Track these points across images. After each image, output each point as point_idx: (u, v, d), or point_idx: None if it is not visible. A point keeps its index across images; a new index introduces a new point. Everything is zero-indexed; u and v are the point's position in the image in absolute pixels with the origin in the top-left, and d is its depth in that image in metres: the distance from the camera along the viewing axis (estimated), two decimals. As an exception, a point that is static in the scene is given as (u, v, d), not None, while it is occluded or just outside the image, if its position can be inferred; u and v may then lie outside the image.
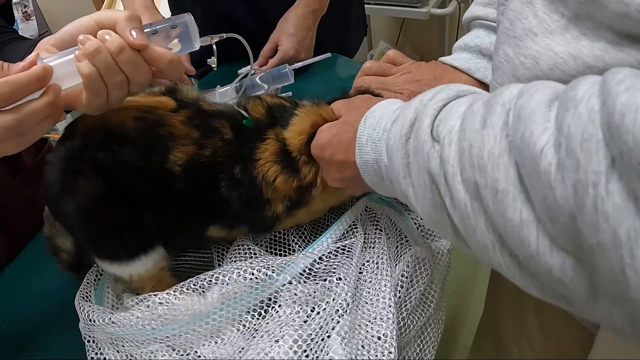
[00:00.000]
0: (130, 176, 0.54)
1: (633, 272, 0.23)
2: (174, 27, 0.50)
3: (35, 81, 0.45)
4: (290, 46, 1.05)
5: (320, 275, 0.56)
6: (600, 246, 0.24)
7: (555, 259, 0.27)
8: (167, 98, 0.58)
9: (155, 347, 0.53)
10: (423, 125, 0.36)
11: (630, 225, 0.22)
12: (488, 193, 0.29)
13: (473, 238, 0.32)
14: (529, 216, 0.27)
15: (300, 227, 0.66)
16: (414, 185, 0.37)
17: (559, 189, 0.25)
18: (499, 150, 0.29)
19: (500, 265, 0.31)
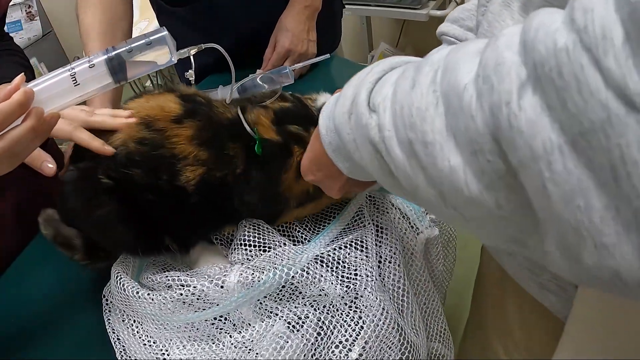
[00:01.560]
0: (142, 192, 0.56)
1: (553, 185, 0.23)
2: (149, 44, 0.51)
3: (18, 108, 0.46)
4: (286, 40, 1.07)
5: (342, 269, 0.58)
6: (522, 165, 0.24)
7: (488, 198, 0.27)
8: (171, 99, 0.59)
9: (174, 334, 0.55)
10: (360, 98, 0.37)
11: (545, 138, 0.23)
12: (420, 147, 0.30)
13: (420, 197, 0.33)
14: (456, 161, 0.28)
15: (303, 219, 0.68)
16: (363, 158, 0.38)
17: (479, 117, 0.25)
18: (425, 104, 0.29)
19: (451, 217, 0.31)
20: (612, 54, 0.20)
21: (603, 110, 0.21)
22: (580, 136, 0.22)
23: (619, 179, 0.21)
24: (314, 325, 0.52)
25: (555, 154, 0.23)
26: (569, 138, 0.22)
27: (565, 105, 0.22)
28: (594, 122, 0.21)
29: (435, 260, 0.74)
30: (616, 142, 0.21)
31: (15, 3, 2.32)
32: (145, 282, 0.60)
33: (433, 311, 0.70)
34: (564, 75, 0.22)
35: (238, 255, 0.58)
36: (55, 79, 0.49)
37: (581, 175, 0.22)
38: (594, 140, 0.21)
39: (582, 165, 0.22)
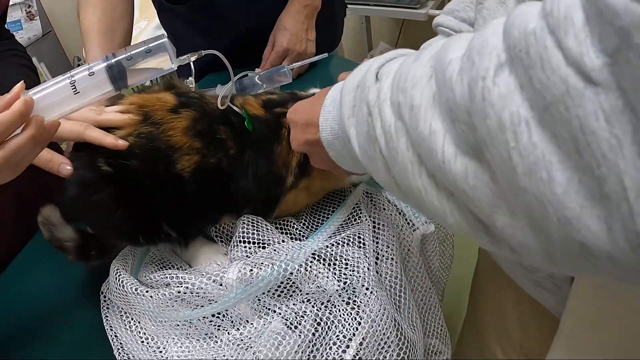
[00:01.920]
0: (141, 179, 0.58)
1: (518, 156, 0.25)
2: (149, 51, 0.51)
3: (18, 118, 0.46)
4: (284, 39, 1.07)
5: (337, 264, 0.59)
6: (489, 134, 0.26)
7: (458, 166, 0.29)
8: (167, 94, 0.61)
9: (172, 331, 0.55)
10: (371, 68, 0.40)
11: (514, 111, 0.24)
12: (406, 110, 0.32)
13: (396, 161, 0.34)
14: (438, 126, 0.30)
15: (299, 215, 0.69)
16: (355, 124, 0.40)
17: (458, 89, 0.28)
18: (421, 73, 0.32)
19: (419, 188, 0.33)
20: (572, 34, 0.22)
21: (563, 84, 0.22)
22: (545, 110, 0.23)
23: (580, 149, 0.22)
24: (311, 321, 0.53)
25: (522, 125, 0.24)
26: (535, 114, 0.24)
27: (531, 81, 0.24)
28: (555, 96, 0.23)
29: (431, 257, 0.75)
30: (575, 113, 0.22)
31: (15, 3, 2.32)
32: (143, 280, 0.60)
33: (430, 307, 0.70)
34: (530, 54, 0.24)
35: (237, 252, 0.59)
36: (54, 87, 0.50)
37: (545, 148, 0.24)
38: (556, 113, 0.23)
39: (546, 138, 0.24)
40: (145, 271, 0.61)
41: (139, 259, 0.65)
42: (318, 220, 0.67)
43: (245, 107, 0.62)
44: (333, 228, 0.62)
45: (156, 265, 0.64)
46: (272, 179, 0.61)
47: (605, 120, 0.21)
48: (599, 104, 0.22)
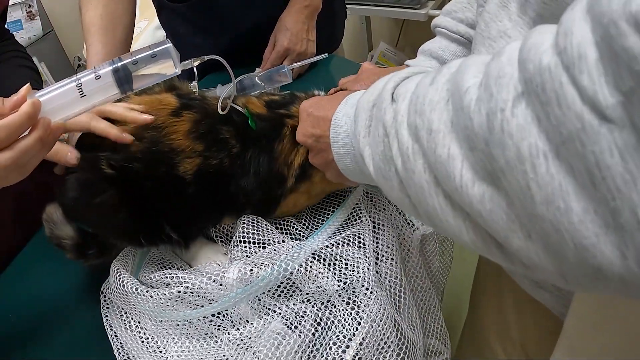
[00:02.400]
0: (143, 181, 0.58)
1: (536, 186, 0.25)
2: (154, 56, 0.52)
3: (27, 120, 0.46)
4: (285, 39, 1.07)
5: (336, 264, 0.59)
6: (508, 165, 0.27)
7: (476, 191, 0.29)
8: (169, 95, 0.61)
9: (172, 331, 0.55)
10: (387, 87, 0.40)
11: (532, 143, 0.25)
12: (424, 133, 0.33)
13: (412, 181, 0.35)
14: (456, 151, 0.30)
15: (299, 215, 0.69)
16: (370, 143, 0.41)
17: (476, 119, 0.28)
18: (438, 97, 0.32)
19: (435, 207, 0.34)
20: (586, 72, 0.23)
21: (578, 121, 0.23)
22: (562, 145, 0.24)
23: (596, 183, 0.23)
24: (311, 321, 0.53)
25: (540, 158, 0.25)
26: (553, 147, 0.25)
27: (548, 117, 0.24)
28: (571, 132, 0.23)
29: (431, 257, 0.75)
30: (591, 149, 0.23)
31: (16, 2, 2.32)
32: (144, 280, 0.60)
33: (430, 307, 0.70)
34: (546, 90, 0.24)
35: (237, 252, 0.59)
36: (61, 89, 0.50)
37: (562, 180, 0.25)
38: (572, 148, 0.24)
39: (563, 170, 0.24)
40: (146, 271, 0.61)
41: (140, 258, 0.65)
42: (318, 220, 0.67)
43: (248, 106, 0.62)
44: (333, 228, 0.62)
45: (156, 265, 0.64)
46: (274, 178, 0.61)
47: (619, 156, 0.22)
48: (614, 140, 0.22)
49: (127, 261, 0.62)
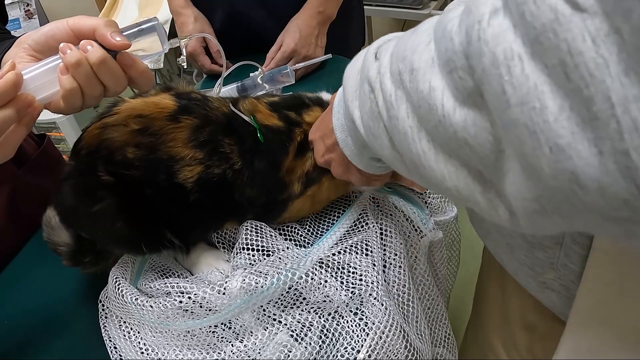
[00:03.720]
0: (142, 188, 0.56)
1: (511, 88, 0.26)
2: (142, 31, 0.51)
3: (11, 87, 0.45)
4: (291, 41, 1.06)
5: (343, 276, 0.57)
6: (484, 72, 0.27)
7: (458, 117, 0.30)
8: (165, 97, 0.58)
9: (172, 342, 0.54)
10: (370, 51, 0.41)
11: (507, 47, 0.26)
12: (406, 75, 0.34)
13: (396, 130, 0.36)
14: (437, 83, 0.31)
15: (303, 221, 0.67)
16: (359, 106, 0.42)
17: (456, 37, 0.30)
18: (419, 40, 0.34)
19: (419, 153, 0.35)
20: None
21: (552, 12, 0.24)
22: (536, 41, 0.25)
23: (568, 72, 0.24)
24: (318, 333, 0.51)
25: (515, 59, 0.26)
26: (528, 49, 0.26)
27: (523, 16, 0.25)
28: (544, 24, 0.24)
29: (439, 264, 0.73)
30: (563, 37, 0.24)
31: (14, 1, 2.30)
32: (143, 289, 0.58)
33: (437, 316, 0.69)
34: None
35: (240, 259, 0.57)
36: (45, 67, 0.48)
37: (537, 79, 0.25)
38: (546, 40, 0.24)
39: (538, 70, 0.25)
40: (145, 279, 0.59)
41: (139, 266, 0.63)
42: (323, 226, 0.65)
43: (256, 116, 0.60)
44: (339, 234, 0.60)
45: (156, 272, 0.62)
46: (278, 187, 0.59)
47: (592, 42, 0.23)
48: (586, 27, 0.23)
49: (125, 269, 0.60)
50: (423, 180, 0.38)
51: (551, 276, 0.48)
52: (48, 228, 0.65)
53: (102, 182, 0.55)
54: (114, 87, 0.50)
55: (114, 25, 0.50)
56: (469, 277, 1.09)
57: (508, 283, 0.61)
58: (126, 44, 0.49)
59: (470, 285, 0.79)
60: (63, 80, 0.48)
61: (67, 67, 0.47)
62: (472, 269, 0.98)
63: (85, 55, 0.47)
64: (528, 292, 0.56)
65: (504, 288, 0.64)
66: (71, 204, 0.57)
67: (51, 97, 0.49)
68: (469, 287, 0.79)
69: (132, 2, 2.17)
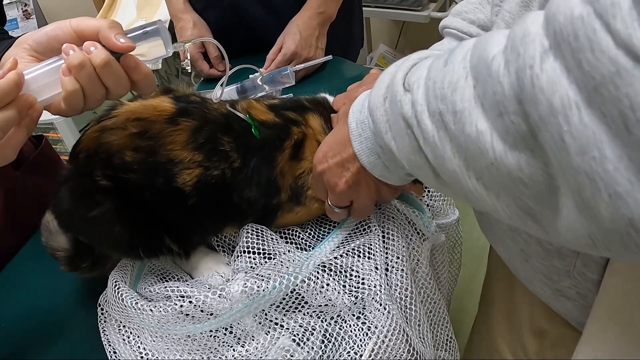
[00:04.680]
0: (140, 192, 0.55)
1: (571, 138, 0.26)
2: (146, 34, 0.50)
3: (14, 87, 0.44)
4: (292, 43, 1.05)
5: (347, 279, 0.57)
6: (542, 120, 0.27)
7: (511, 159, 0.30)
8: (164, 99, 0.57)
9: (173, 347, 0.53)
10: (396, 79, 0.40)
11: (563, 95, 0.26)
12: (449, 117, 0.33)
13: (445, 169, 0.36)
14: (483, 126, 0.31)
15: (305, 224, 0.66)
16: (395, 137, 0.41)
17: (506, 81, 0.29)
18: (457, 77, 0.33)
19: (471, 191, 0.35)
20: (619, 17, 0.23)
21: (612, 65, 0.24)
22: (594, 91, 0.25)
23: (629, 125, 0.24)
24: (320, 337, 0.50)
25: (573, 108, 0.26)
26: (584, 96, 0.25)
27: (580, 64, 0.25)
28: (604, 76, 0.24)
29: (440, 267, 0.73)
30: (625, 92, 0.23)
31: (12, 1, 2.30)
32: (143, 293, 0.57)
33: (439, 319, 0.68)
34: (579, 38, 0.25)
35: (241, 262, 0.56)
36: (47, 67, 0.48)
37: (595, 128, 0.25)
38: (606, 93, 0.24)
39: (596, 119, 0.25)
40: (145, 283, 0.59)
41: (138, 270, 0.62)
42: (324, 229, 0.64)
43: (251, 112, 0.60)
44: (341, 237, 0.60)
45: (156, 276, 0.61)
46: (271, 187, 0.59)
47: None
48: None
49: (125, 273, 0.59)
50: (473, 205, 0.38)
51: (567, 284, 0.48)
52: (46, 232, 0.64)
53: (101, 187, 0.54)
54: (116, 89, 0.50)
55: (118, 26, 0.49)
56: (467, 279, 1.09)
57: (517, 289, 0.61)
58: (130, 46, 0.48)
59: (470, 287, 0.79)
60: (65, 81, 0.47)
61: (70, 68, 0.47)
62: (470, 270, 0.99)
63: (88, 57, 0.47)
64: (538, 298, 0.55)
65: (512, 293, 0.64)
66: (69, 208, 0.56)
67: (52, 99, 0.49)
68: (468, 288, 0.79)
69: (130, 3, 2.16)
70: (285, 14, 1.09)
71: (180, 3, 1.14)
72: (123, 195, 0.54)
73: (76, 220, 0.57)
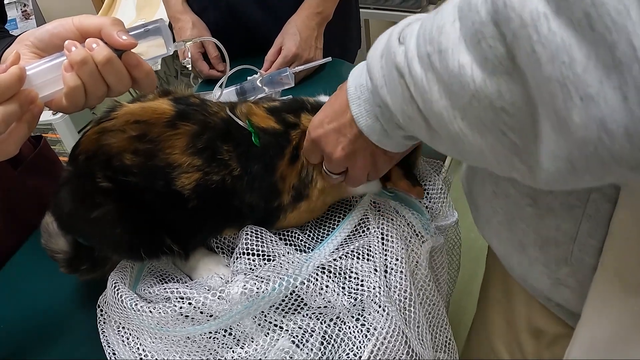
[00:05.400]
0: (140, 194, 0.55)
1: (541, 47, 0.28)
2: (148, 32, 0.51)
3: (17, 81, 0.45)
4: (292, 44, 1.05)
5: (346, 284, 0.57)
6: (515, 36, 0.29)
7: (490, 87, 0.32)
8: (163, 102, 0.57)
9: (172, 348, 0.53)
10: (392, 37, 0.42)
11: (533, 8, 0.28)
12: (435, 56, 0.35)
13: (433, 113, 0.37)
14: (465, 59, 0.32)
15: (304, 226, 0.66)
16: (389, 91, 0.42)
17: (483, 8, 0.31)
18: (444, 21, 0.35)
19: (457, 134, 0.36)
20: None
21: None
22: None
23: (593, 23, 0.25)
24: (320, 338, 0.50)
25: (541, 19, 0.27)
26: (552, 6, 0.27)
27: None
28: None
29: (439, 269, 0.73)
30: None
31: (11, 1, 2.30)
32: (142, 294, 0.57)
33: (439, 321, 0.68)
34: None
35: (241, 264, 0.56)
36: (49, 64, 0.48)
37: (564, 34, 0.27)
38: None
39: (563, 25, 0.27)
40: (144, 284, 0.59)
41: (138, 271, 0.62)
42: (323, 231, 0.65)
43: (251, 118, 0.59)
44: (340, 239, 0.60)
45: (155, 277, 0.61)
46: (271, 192, 0.59)
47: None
48: None
49: (124, 274, 0.59)
50: (463, 155, 0.39)
51: (566, 271, 0.48)
52: (46, 234, 0.64)
53: (101, 188, 0.54)
54: (117, 87, 0.50)
55: (121, 24, 0.49)
56: (465, 281, 1.09)
57: (513, 289, 0.62)
58: (133, 43, 0.48)
59: (468, 289, 0.79)
60: (67, 77, 0.47)
61: (72, 65, 0.47)
62: (469, 272, 0.99)
63: (91, 54, 0.47)
64: (534, 298, 0.56)
65: (509, 293, 0.64)
66: (69, 209, 0.56)
67: (54, 95, 0.49)
68: (467, 290, 0.79)
69: (129, 4, 2.16)
70: (282, 14, 1.09)
71: (179, 4, 1.15)
72: (123, 196, 0.54)
73: (77, 221, 0.57)
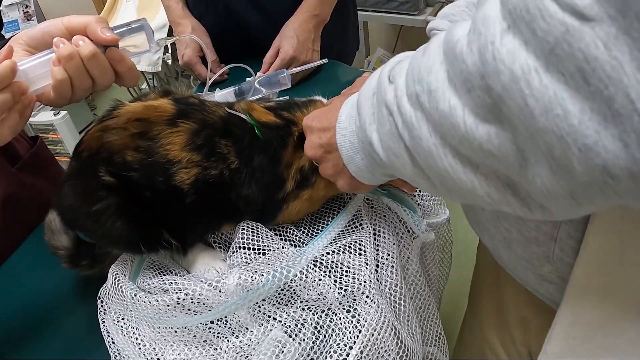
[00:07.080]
0: (140, 190, 0.57)
1: (534, 100, 0.28)
2: (131, 30, 0.54)
3: (10, 72, 0.48)
4: (290, 47, 1.06)
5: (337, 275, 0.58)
6: (505, 89, 0.29)
7: (481, 131, 0.32)
8: (164, 101, 0.59)
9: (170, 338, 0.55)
10: (383, 73, 0.43)
11: (523, 63, 0.28)
12: (425, 97, 0.35)
13: (420, 149, 0.37)
14: (456, 102, 0.33)
15: (299, 222, 0.68)
16: (377, 128, 0.43)
17: (469, 59, 0.31)
18: (432, 61, 0.35)
19: (446, 168, 0.36)
20: None
21: (562, 25, 0.26)
22: (551, 53, 0.27)
23: (587, 77, 0.26)
24: (312, 329, 0.52)
25: (532, 73, 0.28)
26: (542, 61, 0.27)
27: (535, 33, 0.27)
28: (557, 37, 0.26)
29: (430, 265, 0.74)
30: (577, 47, 0.26)
31: (13, 3, 2.31)
32: (142, 286, 0.59)
33: (429, 315, 0.70)
34: (530, 10, 0.27)
35: (237, 258, 0.58)
36: (38, 60, 0.51)
37: (556, 87, 0.27)
38: (561, 52, 0.26)
39: (555, 79, 0.27)
40: (144, 277, 0.61)
41: (137, 264, 0.64)
42: (318, 227, 0.66)
43: (252, 113, 0.61)
44: (333, 234, 0.62)
45: (155, 270, 0.63)
46: (275, 184, 0.61)
47: (604, 47, 0.25)
48: (596, 34, 0.25)
49: (125, 266, 0.61)
50: (451, 193, 0.39)
51: (548, 269, 0.50)
52: (49, 231, 0.66)
53: (103, 183, 0.56)
54: (101, 80, 0.54)
55: (104, 22, 0.53)
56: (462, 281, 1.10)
57: (502, 278, 0.63)
58: (115, 38, 0.52)
59: (465, 289, 0.81)
60: (55, 71, 0.51)
61: (60, 59, 0.50)
62: (465, 272, 1.00)
63: (77, 49, 0.50)
64: (522, 287, 0.57)
65: (499, 283, 0.66)
66: (71, 203, 0.58)
67: (44, 89, 0.52)
68: (464, 290, 0.80)
69: (130, 6, 2.18)
70: (279, 17, 1.11)
71: (179, 9, 1.17)
72: (125, 191, 0.56)
73: (79, 215, 0.58)
